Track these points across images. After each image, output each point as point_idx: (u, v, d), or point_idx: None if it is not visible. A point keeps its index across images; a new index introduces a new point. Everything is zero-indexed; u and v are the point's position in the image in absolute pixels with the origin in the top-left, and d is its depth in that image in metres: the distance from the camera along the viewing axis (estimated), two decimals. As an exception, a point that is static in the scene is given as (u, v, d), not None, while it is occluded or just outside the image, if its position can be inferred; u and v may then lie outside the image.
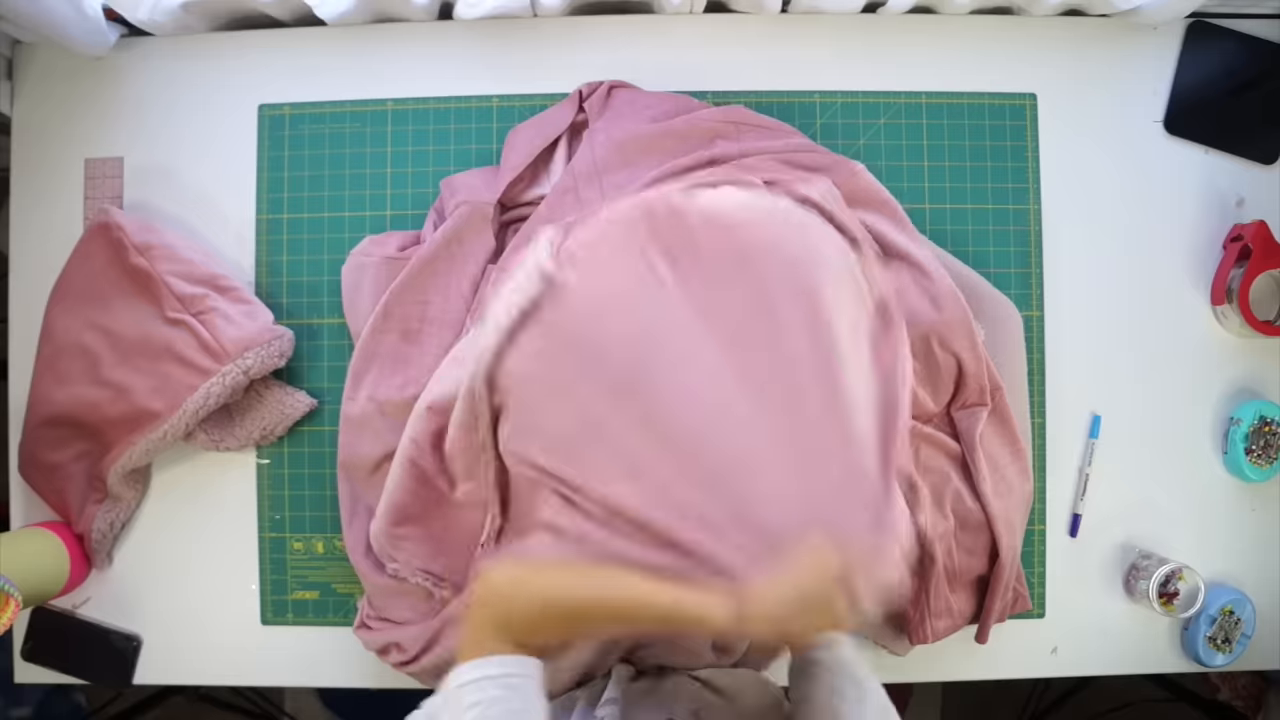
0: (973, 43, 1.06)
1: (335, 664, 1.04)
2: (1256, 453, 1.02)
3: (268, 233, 1.05)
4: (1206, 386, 1.05)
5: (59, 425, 0.99)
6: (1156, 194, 1.06)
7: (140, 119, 1.06)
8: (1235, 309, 1.02)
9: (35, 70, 1.06)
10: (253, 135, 1.06)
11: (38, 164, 1.06)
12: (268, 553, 1.04)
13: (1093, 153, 1.06)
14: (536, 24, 1.07)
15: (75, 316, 0.99)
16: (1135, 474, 1.04)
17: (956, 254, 1.02)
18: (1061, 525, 1.04)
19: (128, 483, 1.00)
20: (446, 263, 0.97)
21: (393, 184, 1.05)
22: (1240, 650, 1.02)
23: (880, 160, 1.05)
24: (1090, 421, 1.04)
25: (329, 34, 1.06)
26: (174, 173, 1.06)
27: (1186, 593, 1.00)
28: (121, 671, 1.03)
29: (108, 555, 1.03)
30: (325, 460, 1.04)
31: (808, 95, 1.05)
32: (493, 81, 1.06)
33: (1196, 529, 1.05)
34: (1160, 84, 1.06)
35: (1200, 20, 1.06)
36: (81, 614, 1.04)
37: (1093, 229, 1.06)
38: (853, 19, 1.06)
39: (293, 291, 1.05)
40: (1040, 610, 1.04)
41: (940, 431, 0.97)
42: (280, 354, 1.00)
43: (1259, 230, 1.01)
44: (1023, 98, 1.06)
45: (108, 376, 0.97)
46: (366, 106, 1.06)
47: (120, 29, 1.06)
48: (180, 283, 0.98)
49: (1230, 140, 1.06)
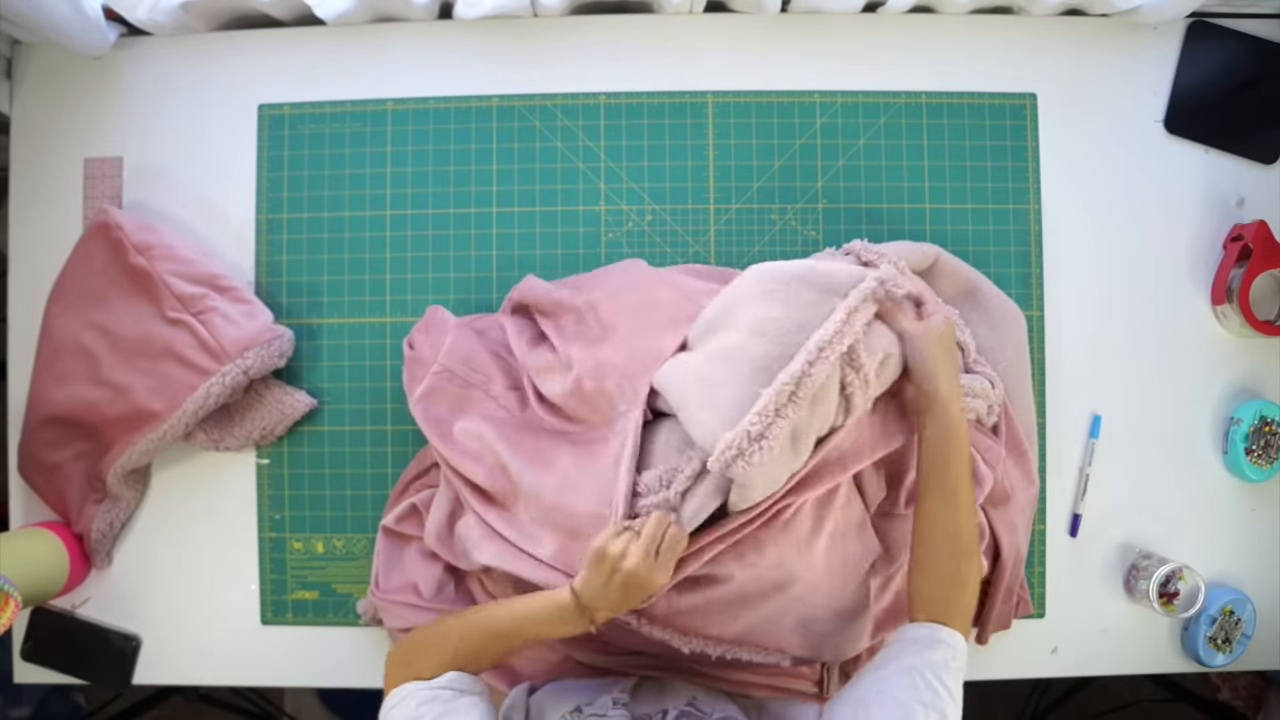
0: (973, 43, 1.06)
1: (335, 664, 1.04)
2: (1257, 453, 1.02)
3: (268, 233, 1.05)
4: (1206, 386, 1.05)
5: (58, 425, 0.99)
6: (1156, 194, 1.06)
7: (140, 119, 1.06)
8: (1235, 309, 1.02)
9: (35, 70, 1.06)
10: (253, 135, 1.06)
11: (37, 163, 1.06)
12: (267, 553, 1.04)
13: (1093, 153, 1.06)
14: (536, 24, 1.07)
15: (75, 316, 0.99)
16: (1135, 474, 1.04)
17: (956, 254, 1.02)
18: (1062, 525, 1.04)
19: (127, 483, 1.00)
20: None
21: (393, 184, 1.05)
22: (1240, 650, 1.02)
23: (880, 160, 1.05)
24: (1090, 421, 1.04)
25: (329, 34, 1.06)
26: (173, 172, 1.06)
27: (1186, 593, 1.00)
28: (121, 671, 1.03)
29: (107, 555, 1.03)
30: (325, 460, 1.04)
31: (808, 95, 1.05)
32: (493, 81, 1.06)
33: (1196, 529, 1.05)
34: (1160, 84, 1.06)
35: (1200, 20, 1.06)
36: (81, 614, 1.04)
37: (1093, 229, 1.06)
38: (853, 19, 1.06)
39: (293, 291, 1.05)
40: (1040, 610, 1.04)
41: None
42: (280, 354, 1.00)
43: (1259, 230, 1.01)
44: (1023, 98, 1.06)
45: (107, 376, 0.97)
46: (366, 106, 1.06)
47: (119, 29, 1.06)
48: (180, 282, 0.98)
49: (1230, 140, 1.06)
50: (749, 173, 1.05)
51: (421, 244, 1.05)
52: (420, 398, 0.95)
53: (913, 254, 0.99)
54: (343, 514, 1.04)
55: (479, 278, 1.05)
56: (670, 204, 1.05)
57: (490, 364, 0.96)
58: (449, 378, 0.95)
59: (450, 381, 0.95)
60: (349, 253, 1.05)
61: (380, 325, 1.05)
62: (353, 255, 1.05)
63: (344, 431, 1.04)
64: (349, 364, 1.04)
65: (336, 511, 1.04)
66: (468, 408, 0.95)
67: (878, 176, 1.05)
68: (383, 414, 1.04)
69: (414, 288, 1.05)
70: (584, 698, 0.77)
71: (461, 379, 0.95)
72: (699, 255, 1.05)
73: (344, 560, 1.04)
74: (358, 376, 1.04)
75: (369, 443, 1.04)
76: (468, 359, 0.96)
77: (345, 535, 1.04)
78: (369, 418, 1.04)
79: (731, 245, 1.05)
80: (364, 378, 1.04)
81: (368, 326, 1.05)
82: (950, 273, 1.01)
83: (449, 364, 0.95)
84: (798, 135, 1.05)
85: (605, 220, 1.05)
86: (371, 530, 1.02)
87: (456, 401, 0.95)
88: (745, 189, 1.05)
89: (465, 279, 1.05)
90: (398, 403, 1.03)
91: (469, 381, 0.95)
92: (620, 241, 1.05)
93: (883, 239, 1.02)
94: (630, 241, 1.05)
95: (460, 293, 1.05)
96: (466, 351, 0.96)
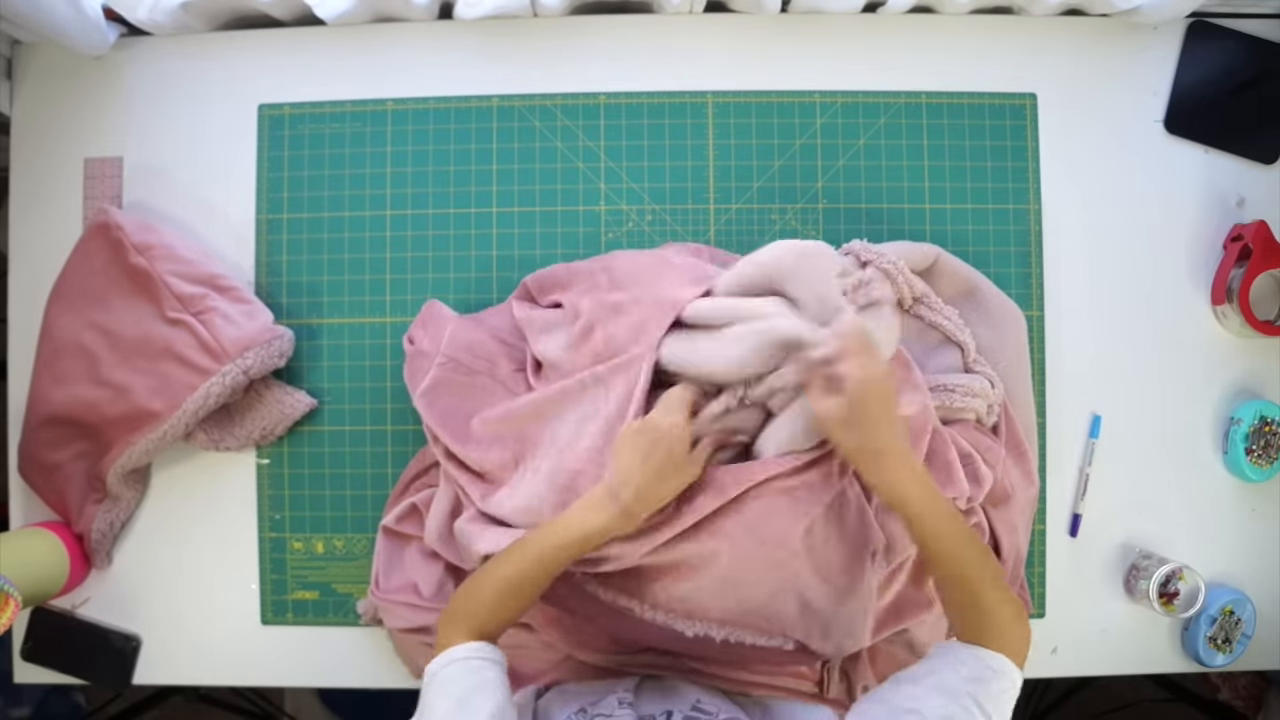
0: (973, 43, 1.06)
1: (335, 664, 1.04)
2: (1257, 453, 1.02)
3: (268, 233, 1.05)
4: (1206, 386, 1.05)
5: (58, 425, 0.99)
6: (1156, 194, 1.06)
7: (140, 119, 1.06)
8: (1235, 309, 1.02)
9: (35, 70, 1.06)
10: (253, 135, 1.06)
11: (37, 163, 1.06)
12: (267, 553, 1.04)
13: (1093, 153, 1.06)
14: (536, 24, 1.07)
15: (75, 316, 0.99)
16: (1135, 474, 1.04)
17: (956, 254, 1.01)
18: (1062, 525, 1.04)
19: (127, 483, 1.00)
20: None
21: (393, 184, 1.05)
22: (1240, 650, 1.02)
23: (880, 160, 1.05)
24: (1090, 421, 1.04)
25: (329, 34, 1.06)
26: (173, 172, 1.06)
27: (1187, 593, 1.00)
28: (121, 671, 1.03)
29: (107, 555, 1.03)
30: (325, 460, 1.04)
31: (808, 95, 1.06)
32: (493, 81, 1.06)
33: (1196, 529, 1.05)
34: (1160, 84, 1.06)
35: (1200, 20, 1.06)
36: (81, 614, 1.04)
37: (1093, 229, 1.06)
38: (853, 19, 1.06)
39: (293, 291, 1.05)
40: (1040, 610, 1.04)
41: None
42: (280, 354, 1.00)
43: (1259, 230, 1.01)
44: (1023, 98, 1.06)
45: (107, 376, 0.97)
46: (366, 106, 1.06)
47: (120, 29, 1.06)
48: (180, 282, 0.98)
49: (1230, 140, 1.06)
50: (749, 173, 1.05)
51: (421, 244, 1.05)
52: (425, 391, 0.95)
53: (913, 254, 0.99)
54: (343, 514, 1.04)
55: (479, 278, 1.05)
56: (670, 204, 1.05)
57: (494, 348, 0.97)
58: (454, 367, 0.95)
59: (456, 371, 0.95)
60: (349, 253, 1.05)
61: (380, 325, 1.05)
62: (353, 255, 1.05)
63: (344, 431, 1.04)
64: (349, 364, 1.05)
65: (336, 511, 1.04)
66: (475, 395, 0.95)
67: (878, 176, 1.05)
68: (383, 414, 1.04)
69: (414, 288, 1.05)
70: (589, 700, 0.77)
71: (466, 367, 0.95)
72: (699, 255, 1.05)
73: (344, 560, 1.04)
74: (358, 376, 1.04)
75: (369, 443, 1.04)
76: (470, 346, 0.96)
77: (345, 535, 1.04)
78: (369, 418, 1.04)
79: (731, 245, 1.05)
80: (364, 378, 1.04)
81: (368, 326, 1.05)
82: (950, 273, 1.01)
83: (452, 353, 0.95)
84: (798, 135, 1.05)
85: (605, 220, 1.05)
86: (371, 530, 1.02)
87: (463, 390, 0.95)
88: (745, 189, 1.05)
89: (465, 279, 1.05)
90: (398, 403, 1.03)
91: (473, 369, 0.95)
92: (620, 241, 1.05)
93: (883, 239, 1.02)
94: (630, 241, 1.05)
95: (460, 293, 1.05)
96: (468, 339, 0.96)
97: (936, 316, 0.99)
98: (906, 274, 0.97)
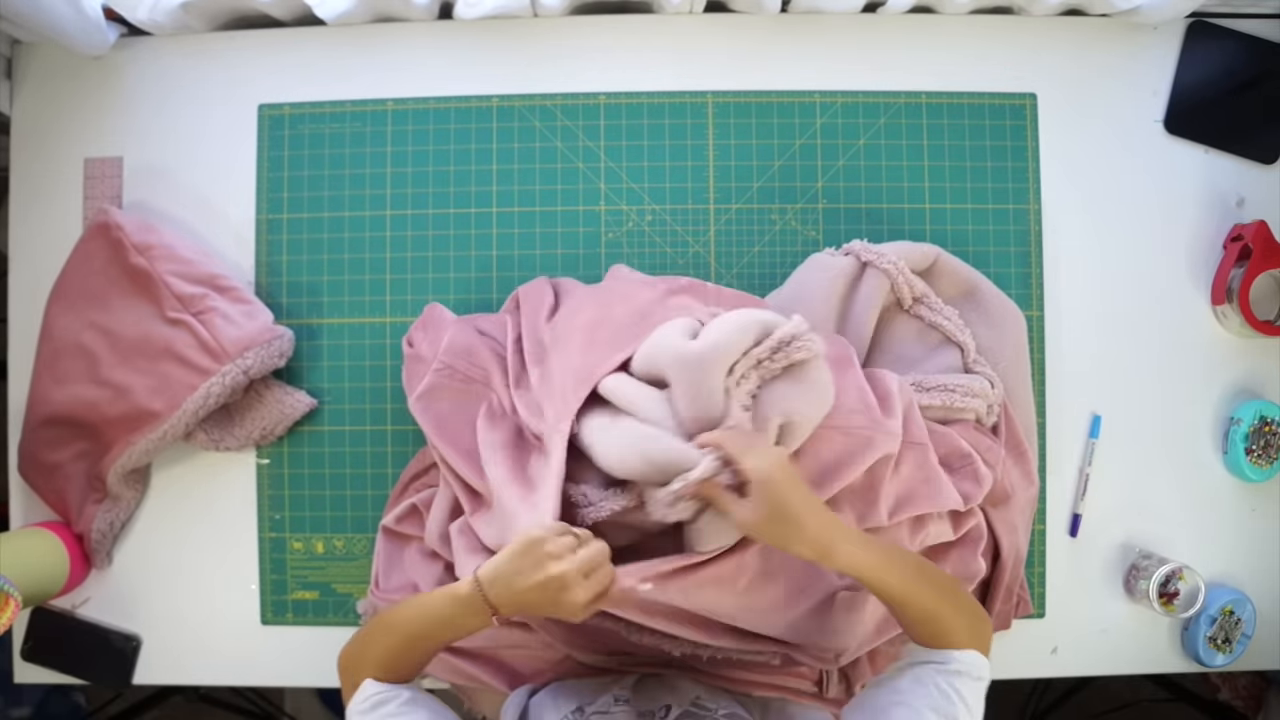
0: (973, 43, 1.06)
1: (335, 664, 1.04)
2: (1257, 453, 1.02)
3: (268, 233, 1.05)
4: (1206, 386, 1.06)
5: (58, 425, 0.99)
6: (1156, 194, 1.06)
7: (140, 119, 1.06)
8: (1235, 309, 1.02)
9: (35, 70, 1.06)
10: (253, 135, 1.06)
11: (37, 163, 1.06)
12: (267, 553, 1.04)
13: (1093, 153, 1.06)
14: (536, 24, 1.07)
15: (75, 316, 0.99)
16: (1135, 474, 1.04)
17: (956, 254, 1.02)
18: (1062, 525, 1.04)
19: (127, 482, 1.00)
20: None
21: (393, 184, 1.05)
22: (1240, 650, 1.02)
23: (880, 160, 1.05)
24: (1090, 421, 1.04)
25: (329, 34, 1.06)
26: (173, 172, 1.06)
27: (1186, 593, 1.00)
28: (121, 671, 1.03)
29: (107, 555, 1.03)
30: (325, 460, 1.04)
31: (808, 95, 1.06)
32: (493, 81, 1.06)
33: (1196, 529, 1.05)
34: (1160, 84, 1.06)
35: (1200, 20, 1.06)
36: (81, 614, 1.04)
37: (1093, 229, 1.06)
38: (853, 19, 1.06)
39: (293, 291, 1.05)
40: (1040, 610, 1.04)
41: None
42: (280, 354, 1.00)
43: (1259, 230, 1.01)
44: (1023, 98, 1.06)
45: (107, 376, 0.97)
46: (366, 106, 1.06)
47: (120, 28, 1.06)
48: (180, 282, 0.98)
49: (1230, 140, 1.06)
50: (749, 173, 1.05)
51: (421, 244, 1.05)
52: (420, 395, 0.95)
53: (913, 254, 0.99)
54: (343, 514, 1.04)
55: (479, 278, 1.05)
56: (670, 204, 1.05)
57: (490, 359, 0.96)
58: (450, 374, 0.95)
59: (452, 378, 0.95)
60: (349, 253, 1.05)
61: (380, 325, 1.05)
62: (353, 255, 1.05)
63: (344, 431, 1.04)
64: (349, 364, 1.05)
65: (336, 511, 1.04)
66: (469, 404, 0.95)
67: (878, 176, 1.05)
68: (383, 414, 1.04)
69: (414, 288, 1.05)
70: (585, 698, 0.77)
71: (463, 374, 0.95)
72: (699, 255, 1.05)
73: (344, 560, 1.04)
74: (358, 376, 1.04)
75: (369, 443, 1.04)
76: (468, 353, 0.96)
77: (345, 535, 1.04)
78: (369, 418, 1.04)
79: (731, 245, 1.05)
80: (364, 378, 1.04)
81: (368, 326, 1.05)
82: (950, 273, 1.01)
83: (449, 360, 0.95)
84: (798, 135, 1.05)
85: (605, 220, 1.05)
86: (371, 530, 1.02)
87: (458, 398, 0.95)
88: (745, 189, 1.05)
89: (465, 279, 1.05)
90: (398, 403, 1.03)
91: (470, 376, 0.95)
92: (620, 241, 1.05)
93: (883, 239, 1.02)
94: (630, 241, 1.05)
95: (460, 293, 1.05)
96: (466, 346, 0.96)
97: (936, 317, 0.99)
98: (906, 274, 0.97)
